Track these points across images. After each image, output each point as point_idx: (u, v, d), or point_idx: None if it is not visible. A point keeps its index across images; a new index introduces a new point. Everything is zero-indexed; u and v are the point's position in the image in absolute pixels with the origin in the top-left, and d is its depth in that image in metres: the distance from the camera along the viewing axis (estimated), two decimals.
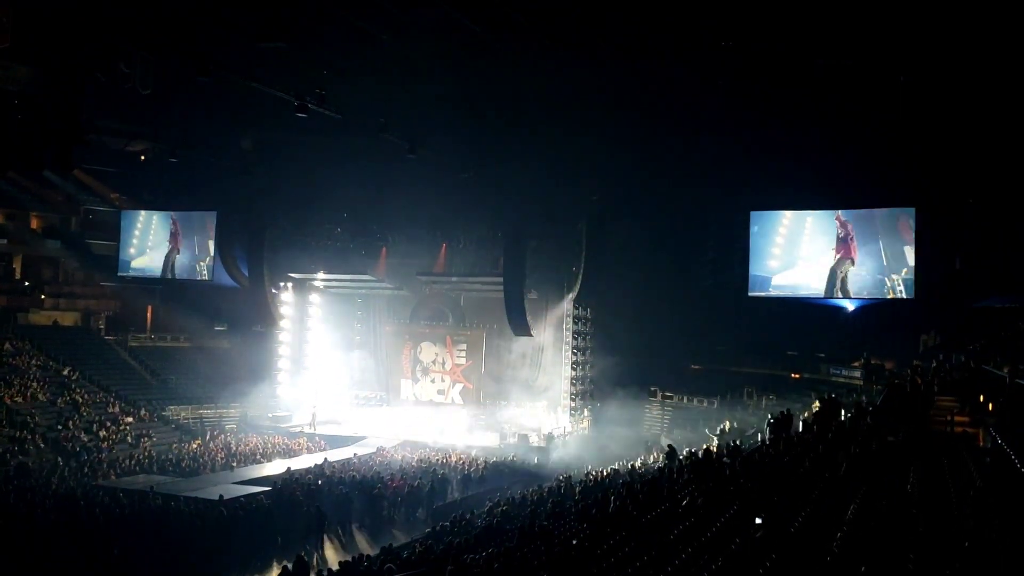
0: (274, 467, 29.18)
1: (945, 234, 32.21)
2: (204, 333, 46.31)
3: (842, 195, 33.85)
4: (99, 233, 45.86)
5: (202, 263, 43.60)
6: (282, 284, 41.82)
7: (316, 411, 38.40)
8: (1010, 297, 28.09)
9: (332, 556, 20.95)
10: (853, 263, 33.50)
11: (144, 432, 34.25)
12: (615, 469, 27.99)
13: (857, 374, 33.15)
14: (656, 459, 29.51)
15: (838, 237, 33.89)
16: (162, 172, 42.33)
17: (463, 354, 40.86)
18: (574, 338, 37.66)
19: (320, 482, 25.56)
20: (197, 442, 33.71)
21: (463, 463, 29.82)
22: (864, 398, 26.61)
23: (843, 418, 21.17)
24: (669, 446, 26.61)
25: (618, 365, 36.36)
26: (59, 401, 34.58)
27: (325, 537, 22.06)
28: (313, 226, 40.68)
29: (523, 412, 37.70)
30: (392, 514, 24.93)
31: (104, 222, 45.94)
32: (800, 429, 21.48)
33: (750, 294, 35.62)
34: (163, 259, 44.30)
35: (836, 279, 33.77)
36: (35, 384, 34.94)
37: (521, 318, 36.07)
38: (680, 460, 21.90)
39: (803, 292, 34.66)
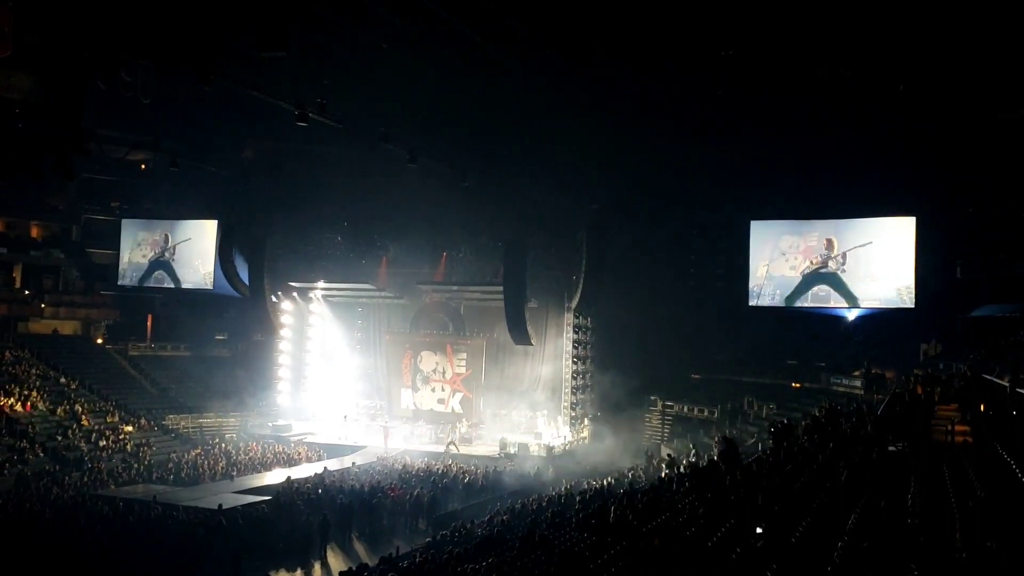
0: (274, 476, 29.12)
1: (946, 243, 32.26)
2: (204, 342, 46.31)
3: (843, 204, 33.92)
4: (99, 242, 45.89)
5: (202, 272, 43.64)
6: (282, 293, 41.82)
7: (347, 417, 38.89)
8: (1010, 306, 28.08)
9: (333, 565, 20.92)
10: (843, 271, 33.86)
11: (144, 441, 34.18)
12: (615, 479, 27.94)
13: (858, 383, 33.09)
14: (656, 468, 29.46)
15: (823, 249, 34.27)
16: (163, 181, 42.45)
17: (463, 363, 40.80)
18: (574, 347, 37.62)
19: (320, 491, 25.53)
20: (197, 451, 33.63)
21: (463, 473, 29.76)
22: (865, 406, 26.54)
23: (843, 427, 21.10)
24: (669, 455, 26.58)
25: (618, 374, 36.30)
26: (59, 410, 34.51)
27: (326, 546, 22.01)
28: (314, 235, 40.70)
29: (523, 421, 37.62)
30: (392, 523, 24.88)
31: (104, 231, 45.96)
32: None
33: (750, 303, 35.69)
34: (162, 268, 44.38)
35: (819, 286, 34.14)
36: (35, 393, 34.87)
37: (521, 327, 36.03)
38: (680, 469, 21.86)
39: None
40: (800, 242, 34.90)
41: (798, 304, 34.99)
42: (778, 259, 35.16)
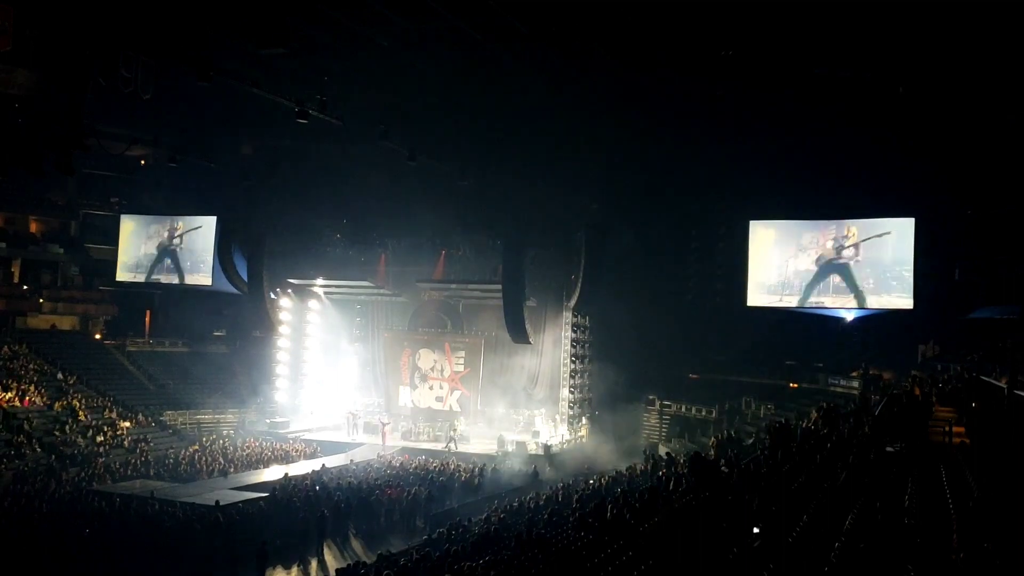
0: (272, 473, 29.13)
1: (944, 244, 32.28)
2: (203, 338, 46.28)
3: (842, 205, 33.92)
4: (98, 237, 45.85)
5: (201, 268, 43.62)
6: (281, 290, 41.79)
7: (355, 414, 38.79)
8: (1009, 308, 28.11)
9: (330, 563, 20.92)
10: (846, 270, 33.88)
11: (142, 437, 34.15)
12: (613, 477, 27.94)
13: (855, 384, 33.14)
14: (654, 468, 29.47)
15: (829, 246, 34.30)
16: (162, 177, 42.38)
17: (461, 361, 40.78)
18: (573, 346, 37.56)
19: (318, 488, 25.53)
20: (195, 447, 33.63)
21: (461, 470, 29.76)
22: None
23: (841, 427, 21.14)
24: (667, 454, 26.55)
25: (616, 373, 36.31)
26: (56, 405, 34.49)
27: (323, 544, 22.02)
28: (313, 232, 40.66)
29: (521, 420, 37.60)
30: (389, 521, 24.87)
31: (103, 226, 45.92)
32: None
33: (749, 304, 35.68)
34: (161, 264, 44.36)
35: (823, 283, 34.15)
36: (32, 388, 34.86)
37: (520, 326, 36.00)
38: (677, 469, 21.87)
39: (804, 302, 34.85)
40: (820, 237, 34.86)
41: (815, 296, 34.72)
42: (800, 255, 35.12)
